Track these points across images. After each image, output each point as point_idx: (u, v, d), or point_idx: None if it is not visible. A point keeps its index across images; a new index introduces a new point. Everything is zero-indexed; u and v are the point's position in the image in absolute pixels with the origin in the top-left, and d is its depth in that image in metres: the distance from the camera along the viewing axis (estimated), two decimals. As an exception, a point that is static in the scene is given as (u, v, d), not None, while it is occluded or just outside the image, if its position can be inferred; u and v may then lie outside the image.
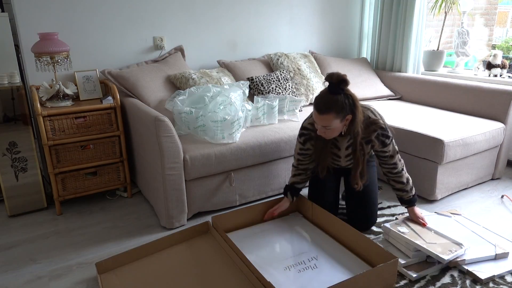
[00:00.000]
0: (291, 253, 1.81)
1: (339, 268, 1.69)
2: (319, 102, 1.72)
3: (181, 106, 2.28)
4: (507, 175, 2.75)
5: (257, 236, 1.95)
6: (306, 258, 1.77)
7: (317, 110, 1.72)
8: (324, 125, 1.73)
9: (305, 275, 1.66)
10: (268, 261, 1.75)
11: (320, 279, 1.62)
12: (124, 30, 2.67)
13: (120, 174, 2.44)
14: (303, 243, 1.89)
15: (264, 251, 1.83)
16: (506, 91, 2.54)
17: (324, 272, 1.67)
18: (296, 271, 1.68)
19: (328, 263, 1.73)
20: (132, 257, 1.77)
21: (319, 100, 1.72)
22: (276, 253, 1.82)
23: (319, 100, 1.72)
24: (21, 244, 2.01)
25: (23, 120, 2.26)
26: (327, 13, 3.52)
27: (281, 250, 1.84)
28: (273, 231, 2.00)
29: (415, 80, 3.14)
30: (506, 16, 4.69)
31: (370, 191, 2.02)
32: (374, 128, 1.82)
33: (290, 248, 1.85)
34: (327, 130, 1.75)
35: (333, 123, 1.71)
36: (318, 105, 1.71)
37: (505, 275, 1.68)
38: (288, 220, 2.10)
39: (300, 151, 1.98)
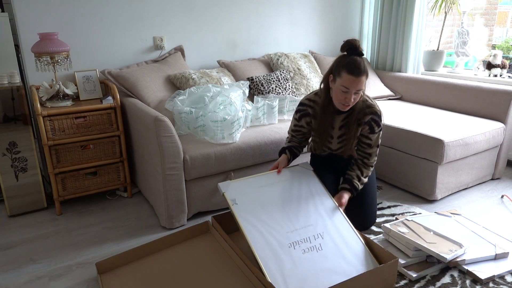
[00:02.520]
0: (297, 224, 1.73)
1: (344, 253, 1.66)
2: (353, 65, 1.70)
3: (181, 106, 2.28)
4: (507, 175, 2.75)
5: (262, 192, 1.83)
6: (312, 234, 1.70)
7: (354, 73, 1.69)
8: (359, 88, 1.73)
9: (308, 257, 1.61)
10: (274, 232, 1.67)
11: (323, 266, 1.59)
12: (124, 30, 2.67)
13: (120, 174, 2.44)
14: (310, 210, 1.81)
15: (270, 215, 1.74)
16: (506, 91, 2.54)
17: (328, 258, 1.63)
18: (300, 251, 1.63)
19: (333, 243, 1.69)
20: (132, 257, 1.77)
21: (352, 64, 1.70)
22: (283, 220, 1.74)
23: (352, 64, 1.70)
24: (21, 244, 2.01)
25: (23, 120, 2.26)
26: (327, 13, 3.52)
27: (288, 215, 1.75)
28: (279, 187, 1.89)
29: (415, 80, 3.14)
30: (506, 16, 4.69)
31: (368, 191, 2.03)
32: (369, 111, 1.87)
33: (297, 216, 1.77)
34: (357, 95, 1.76)
35: (364, 86, 1.75)
36: (353, 68, 1.70)
37: (505, 275, 1.68)
38: (297, 173, 2.00)
39: (294, 127, 2.01)
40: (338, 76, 1.75)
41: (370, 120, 1.87)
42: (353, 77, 1.70)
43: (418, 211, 2.24)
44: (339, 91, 1.77)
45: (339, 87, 1.76)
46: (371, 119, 1.87)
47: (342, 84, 1.74)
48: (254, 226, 1.68)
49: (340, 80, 1.74)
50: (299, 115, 1.97)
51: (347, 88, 1.73)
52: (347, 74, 1.71)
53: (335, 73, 1.78)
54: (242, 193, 1.81)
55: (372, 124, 1.87)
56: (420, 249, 1.72)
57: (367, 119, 1.87)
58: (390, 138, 2.50)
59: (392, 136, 2.48)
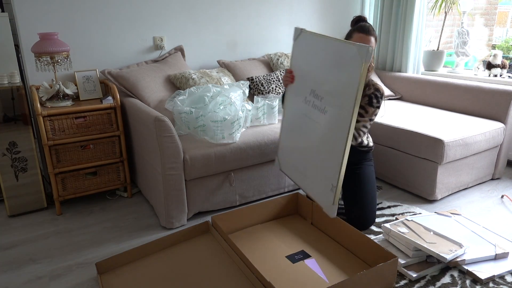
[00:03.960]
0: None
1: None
2: (362, 26, 1.86)
3: (181, 106, 2.28)
4: (507, 175, 2.75)
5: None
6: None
7: (364, 31, 1.85)
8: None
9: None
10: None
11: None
12: (124, 30, 2.67)
13: (120, 174, 2.44)
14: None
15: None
16: (506, 91, 2.54)
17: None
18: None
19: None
20: (132, 257, 1.78)
21: (362, 26, 1.87)
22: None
23: (362, 26, 1.87)
24: (21, 244, 2.01)
25: (23, 120, 2.26)
26: (327, 13, 3.52)
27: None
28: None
29: (415, 80, 3.14)
30: (506, 16, 4.69)
31: (367, 191, 2.03)
32: (374, 87, 1.96)
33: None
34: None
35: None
36: (363, 27, 1.86)
37: (505, 275, 1.68)
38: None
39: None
40: (350, 37, 1.90)
41: (371, 94, 1.95)
42: (363, 34, 1.84)
43: (418, 211, 2.24)
44: None
45: None
46: (372, 93, 1.95)
47: (353, 41, 1.79)
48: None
49: (351, 39, 1.86)
50: None
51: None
52: (357, 33, 1.86)
53: (346, 38, 1.91)
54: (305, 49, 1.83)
55: (372, 97, 1.95)
56: (420, 249, 1.72)
57: (369, 92, 1.95)
58: (390, 138, 2.50)
59: (392, 136, 2.48)
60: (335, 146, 1.60)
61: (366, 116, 1.97)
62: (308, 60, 1.76)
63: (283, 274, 1.65)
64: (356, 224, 1.99)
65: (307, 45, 1.77)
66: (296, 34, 1.83)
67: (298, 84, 1.82)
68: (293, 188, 2.51)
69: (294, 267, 1.70)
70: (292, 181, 2.29)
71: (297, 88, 1.83)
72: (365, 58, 1.46)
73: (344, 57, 1.56)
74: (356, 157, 2.04)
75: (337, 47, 1.62)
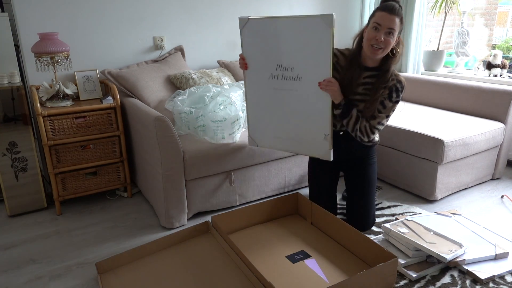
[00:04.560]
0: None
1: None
2: (387, 4, 1.72)
3: (181, 106, 2.28)
4: (507, 175, 2.75)
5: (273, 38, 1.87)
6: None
7: (387, 9, 1.70)
8: (391, 26, 1.70)
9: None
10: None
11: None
12: (124, 30, 2.67)
13: (120, 174, 2.44)
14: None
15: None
16: (506, 91, 2.54)
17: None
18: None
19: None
20: (132, 257, 1.77)
21: (387, 4, 1.72)
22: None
23: (387, 4, 1.72)
24: (21, 244, 2.01)
25: (23, 120, 2.26)
26: (327, 13, 3.51)
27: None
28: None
29: (415, 80, 3.14)
30: (506, 16, 4.69)
31: (370, 192, 2.02)
32: (396, 78, 1.83)
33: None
34: (387, 38, 1.72)
35: (396, 31, 1.73)
36: (387, 6, 1.71)
37: (505, 275, 1.68)
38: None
39: None
40: (372, 17, 1.77)
41: (393, 86, 1.82)
42: (386, 13, 1.70)
43: (418, 211, 2.24)
44: (370, 31, 1.74)
45: (370, 26, 1.74)
46: (394, 86, 1.82)
47: (375, 20, 1.72)
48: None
49: (373, 18, 1.74)
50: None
51: (379, 24, 1.71)
52: (380, 11, 1.73)
53: (370, 18, 1.79)
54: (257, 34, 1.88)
55: (392, 90, 1.82)
56: (420, 249, 1.72)
57: (391, 84, 1.82)
58: (390, 138, 2.50)
59: (392, 136, 2.48)
60: (320, 101, 1.79)
61: (383, 112, 1.85)
62: (265, 42, 1.83)
63: (283, 274, 1.65)
64: (358, 224, 1.99)
65: (259, 30, 1.83)
66: (242, 23, 1.86)
67: (257, 66, 1.89)
68: (293, 188, 2.51)
69: (294, 267, 1.70)
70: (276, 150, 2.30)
71: (257, 70, 1.90)
72: (331, 24, 1.62)
73: (308, 29, 1.70)
74: (361, 152, 2.00)
75: (298, 22, 1.73)
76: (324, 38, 1.66)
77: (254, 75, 1.93)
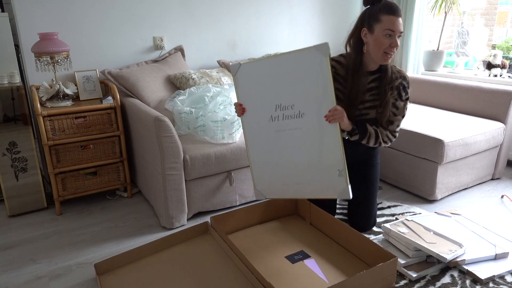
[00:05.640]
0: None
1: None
2: (390, 5, 1.60)
3: (181, 106, 2.29)
4: (507, 175, 2.75)
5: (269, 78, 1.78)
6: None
7: (395, 12, 1.60)
8: (401, 30, 1.63)
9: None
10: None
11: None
12: (124, 30, 2.67)
13: (120, 174, 2.44)
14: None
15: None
16: (506, 91, 2.54)
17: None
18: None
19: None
20: (130, 258, 1.77)
21: (389, 4, 1.60)
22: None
23: (389, 4, 1.60)
24: (21, 244, 2.01)
25: (23, 120, 2.26)
26: (327, 13, 3.52)
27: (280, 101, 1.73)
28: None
29: (415, 80, 3.14)
30: (506, 16, 4.69)
31: (372, 192, 2.01)
32: (400, 75, 1.77)
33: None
34: (399, 40, 1.66)
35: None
36: (392, 7, 1.60)
37: (505, 275, 1.68)
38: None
39: None
40: (376, 21, 1.63)
41: (399, 84, 1.75)
42: (395, 16, 1.60)
43: (418, 211, 2.24)
44: (381, 38, 1.64)
45: (381, 34, 1.64)
46: (400, 84, 1.75)
47: (386, 27, 1.61)
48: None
49: (381, 24, 1.62)
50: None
51: (392, 30, 1.61)
52: (387, 15, 1.60)
53: (370, 21, 1.65)
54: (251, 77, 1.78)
55: (400, 89, 1.76)
56: (420, 249, 1.72)
57: (397, 83, 1.75)
58: (390, 138, 2.50)
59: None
60: (328, 135, 1.63)
61: (398, 114, 1.79)
62: (260, 85, 1.73)
63: (283, 274, 1.65)
64: (360, 225, 1.99)
65: (252, 73, 1.74)
66: (234, 69, 1.77)
67: (255, 111, 1.77)
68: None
69: (293, 267, 1.70)
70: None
71: (256, 115, 1.77)
72: (327, 53, 1.54)
73: (304, 62, 1.61)
74: (366, 154, 1.97)
75: (292, 58, 1.64)
76: (322, 68, 1.57)
77: (253, 121, 1.79)
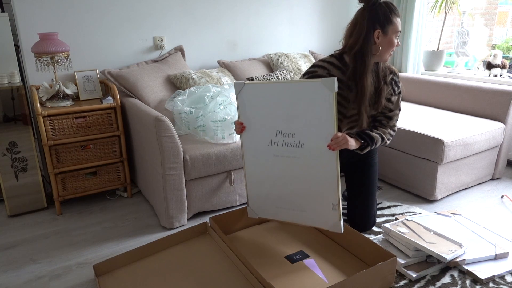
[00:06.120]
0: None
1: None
2: (394, 6, 1.67)
3: (181, 106, 2.29)
4: (507, 175, 2.75)
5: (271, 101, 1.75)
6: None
7: (398, 14, 1.67)
8: (400, 30, 1.70)
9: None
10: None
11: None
12: (124, 30, 2.67)
13: (120, 174, 2.44)
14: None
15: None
16: (506, 91, 2.54)
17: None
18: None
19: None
20: (129, 258, 1.77)
21: (393, 6, 1.67)
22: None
23: (393, 6, 1.67)
24: (21, 244, 2.01)
25: (23, 120, 2.26)
26: (327, 13, 3.52)
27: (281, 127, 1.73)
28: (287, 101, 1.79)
29: (415, 80, 3.14)
30: (506, 16, 4.68)
31: (371, 191, 2.02)
32: (389, 70, 1.81)
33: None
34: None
35: None
36: (396, 9, 1.67)
37: (505, 275, 1.68)
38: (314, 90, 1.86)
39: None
40: (390, 24, 1.67)
41: (391, 80, 1.81)
42: (398, 17, 1.69)
43: (418, 211, 2.24)
44: (393, 40, 1.70)
45: (393, 35, 1.70)
46: (392, 79, 1.81)
47: (397, 29, 1.69)
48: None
49: (393, 27, 1.68)
50: (307, 78, 1.81)
51: (399, 31, 1.71)
52: (396, 17, 1.67)
53: (384, 23, 1.67)
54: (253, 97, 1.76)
55: (393, 84, 1.81)
56: (420, 249, 1.72)
57: (389, 79, 1.80)
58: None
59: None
60: (325, 169, 1.65)
61: (395, 109, 1.85)
62: (262, 108, 1.72)
63: (282, 274, 1.65)
64: (357, 226, 1.99)
65: (256, 95, 1.73)
66: (238, 88, 1.75)
67: (256, 132, 1.77)
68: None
69: (293, 267, 1.70)
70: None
71: (256, 136, 1.77)
72: (333, 88, 1.54)
73: (310, 94, 1.60)
74: (364, 154, 1.95)
75: (297, 87, 1.64)
76: (327, 103, 1.57)
77: (253, 141, 1.79)
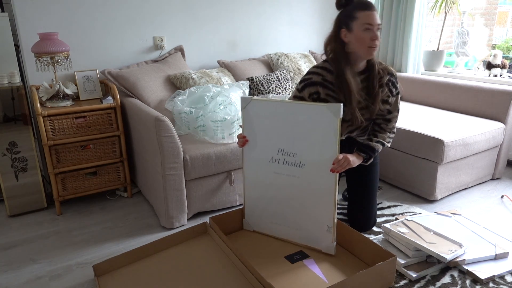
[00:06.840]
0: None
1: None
2: (362, 1, 1.66)
3: (181, 106, 2.29)
4: (507, 175, 2.75)
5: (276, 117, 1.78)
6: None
7: (368, 7, 1.66)
8: (378, 22, 1.67)
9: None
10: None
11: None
12: (124, 30, 2.68)
13: (120, 174, 2.44)
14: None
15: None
16: (506, 91, 2.54)
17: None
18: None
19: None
20: (129, 259, 1.77)
21: (361, 1, 1.66)
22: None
23: (361, 1, 1.66)
24: (21, 244, 2.01)
25: (23, 120, 2.26)
26: (327, 13, 3.52)
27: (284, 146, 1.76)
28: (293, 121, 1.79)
29: (415, 80, 3.14)
30: (506, 16, 4.69)
31: (372, 191, 2.01)
32: (387, 72, 1.80)
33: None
34: (379, 32, 1.69)
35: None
36: (365, 4, 1.66)
37: (505, 275, 1.68)
38: (320, 114, 1.88)
39: (294, 99, 1.86)
40: (353, 19, 1.67)
41: (388, 81, 1.79)
42: (369, 11, 1.65)
43: (418, 211, 2.24)
44: (361, 34, 1.67)
45: (360, 29, 1.67)
46: (389, 81, 1.80)
47: (363, 22, 1.65)
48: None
49: (358, 21, 1.66)
50: (303, 85, 1.80)
51: (370, 24, 1.66)
52: (362, 11, 1.66)
53: (347, 21, 1.69)
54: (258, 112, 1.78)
55: (390, 85, 1.80)
56: (420, 249, 1.72)
57: (385, 80, 1.78)
58: (390, 138, 2.50)
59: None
60: (323, 191, 1.69)
61: (393, 111, 1.85)
62: (267, 124, 1.75)
63: (282, 274, 1.65)
64: (358, 226, 1.99)
65: (261, 111, 1.74)
66: (244, 103, 1.77)
67: (258, 148, 1.79)
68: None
69: (293, 267, 1.70)
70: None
71: (258, 151, 1.80)
72: (338, 114, 1.57)
73: (314, 118, 1.63)
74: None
75: (303, 109, 1.66)
76: (330, 128, 1.59)
77: (254, 156, 1.82)
